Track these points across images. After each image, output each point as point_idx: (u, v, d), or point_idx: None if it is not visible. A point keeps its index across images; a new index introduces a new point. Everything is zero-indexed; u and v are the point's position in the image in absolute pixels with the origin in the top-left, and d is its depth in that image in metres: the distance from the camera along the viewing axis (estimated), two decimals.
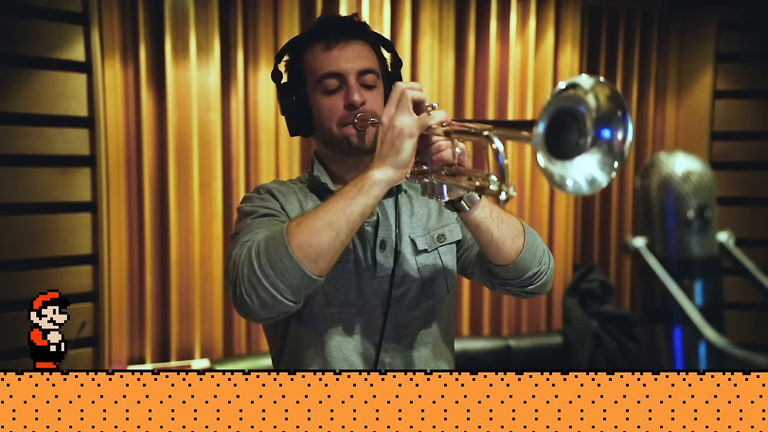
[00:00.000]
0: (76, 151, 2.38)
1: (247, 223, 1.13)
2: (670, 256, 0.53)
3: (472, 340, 2.95)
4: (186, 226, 2.56)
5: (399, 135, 0.97)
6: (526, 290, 1.19)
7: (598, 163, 0.75)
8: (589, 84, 0.72)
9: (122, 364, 2.51)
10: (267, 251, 0.97)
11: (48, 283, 2.33)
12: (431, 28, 2.83)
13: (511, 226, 1.11)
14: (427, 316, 1.21)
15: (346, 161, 1.23)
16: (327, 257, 0.98)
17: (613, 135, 0.74)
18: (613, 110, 0.73)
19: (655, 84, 3.30)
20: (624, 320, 3.02)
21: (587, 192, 0.75)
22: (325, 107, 1.18)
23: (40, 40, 2.29)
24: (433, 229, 1.24)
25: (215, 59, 2.56)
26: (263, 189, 1.23)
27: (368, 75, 1.18)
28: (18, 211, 2.29)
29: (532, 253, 1.14)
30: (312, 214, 0.99)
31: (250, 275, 0.97)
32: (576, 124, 0.76)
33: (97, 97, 2.37)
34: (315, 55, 1.19)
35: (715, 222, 0.54)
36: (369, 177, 0.98)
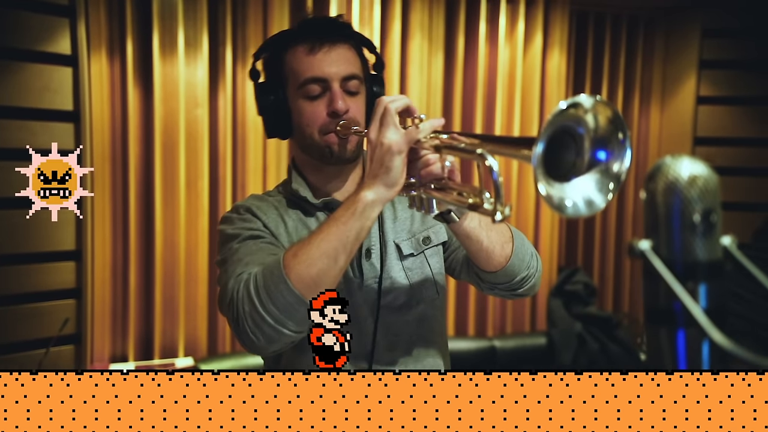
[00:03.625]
0: (61, 145, 2.34)
1: (233, 249, 1.09)
2: (674, 259, 0.53)
3: (457, 341, 2.97)
4: (171, 222, 2.54)
5: (388, 152, 0.94)
6: (515, 293, 1.18)
7: (595, 184, 0.74)
8: (590, 104, 0.70)
9: (104, 362, 2.48)
10: (266, 286, 0.94)
11: (30, 278, 2.30)
12: (421, 29, 2.83)
13: (499, 233, 1.10)
14: (419, 321, 1.19)
15: (325, 169, 1.19)
16: (329, 285, 0.95)
17: (611, 157, 0.73)
18: (612, 132, 0.72)
19: (640, 88, 3.34)
20: (607, 322, 3.05)
21: (586, 214, 0.74)
22: (307, 113, 1.14)
23: (25, 32, 2.26)
24: (418, 232, 1.21)
25: (203, 56, 2.54)
26: (243, 208, 1.18)
27: (352, 81, 1.14)
28: (0, 206, 2.25)
29: (521, 258, 1.13)
30: (307, 243, 0.96)
31: (252, 313, 0.95)
32: (573, 143, 0.74)
33: (83, 91, 2.34)
34: (298, 57, 1.15)
35: (719, 226, 0.54)
36: (361, 199, 0.95)
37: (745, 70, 3.13)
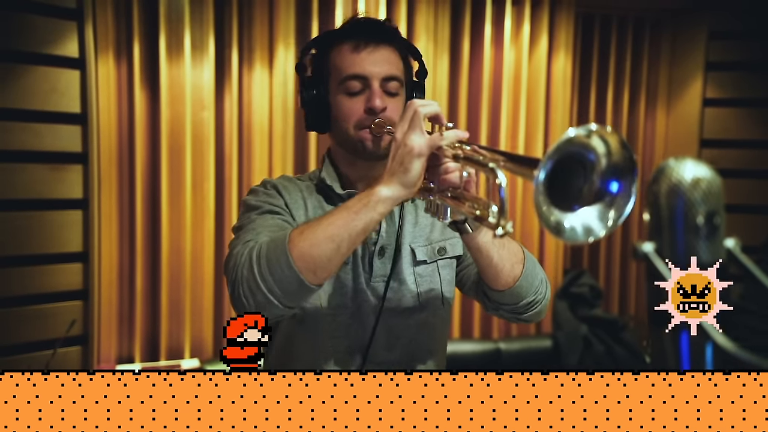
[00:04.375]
0: (68, 147, 2.36)
1: (251, 218, 1.13)
2: (678, 261, 0.53)
3: (463, 343, 2.96)
4: (177, 224, 2.55)
5: (409, 153, 0.96)
6: (520, 317, 1.19)
7: (597, 214, 0.74)
8: (605, 135, 0.70)
9: (111, 363, 2.49)
10: (268, 256, 0.98)
11: (37, 280, 2.31)
12: (426, 31, 2.83)
13: (511, 253, 1.10)
14: (420, 328, 1.20)
15: (357, 164, 1.22)
16: (327, 269, 0.98)
17: (620, 191, 0.72)
18: (625, 167, 0.71)
19: (645, 91, 3.34)
20: (613, 325, 3.04)
21: (582, 241, 0.74)
22: (345, 108, 1.17)
23: (33, 35, 2.27)
24: (435, 241, 1.23)
25: (210, 58, 2.55)
26: (270, 184, 1.23)
27: (392, 82, 1.17)
28: (7, 208, 2.26)
29: (530, 282, 1.13)
30: (315, 224, 0.99)
31: (249, 278, 0.98)
32: (583, 171, 0.74)
33: (90, 93, 2.35)
34: (342, 54, 1.18)
35: (723, 228, 0.54)
36: (375, 193, 0.97)
37: (752, 72, 3.12)
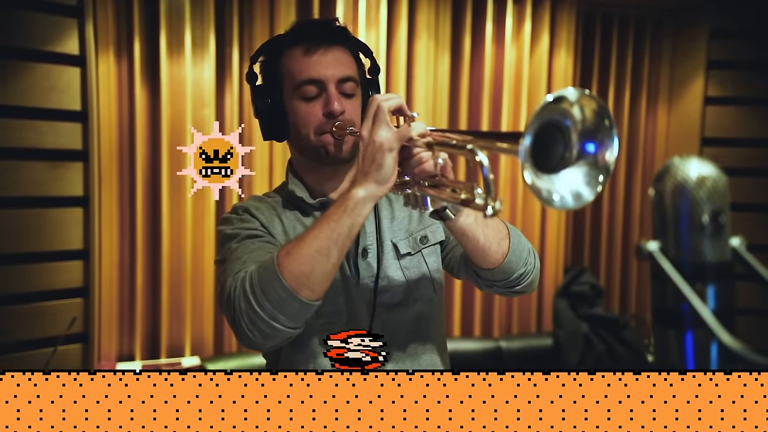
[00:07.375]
0: (69, 145, 2.35)
1: (231, 248, 1.11)
2: (683, 260, 0.53)
3: (463, 342, 2.96)
4: (178, 222, 2.55)
5: (379, 149, 0.95)
6: (513, 290, 1.18)
7: (583, 177, 0.74)
8: (576, 97, 0.71)
9: (111, 361, 2.49)
10: (261, 284, 0.96)
11: (38, 278, 2.31)
12: (427, 29, 2.83)
13: (496, 230, 1.10)
14: (416, 320, 1.20)
15: (322, 170, 1.20)
16: (322, 282, 0.97)
17: (599, 149, 0.73)
18: (599, 124, 0.72)
19: (647, 89, 3.33)
20: (614, 323, 3.04)
21: (573, 206, 0.74)
22: (303, 114, 1.15)
23: (33, 32, 2.26)
24: (415, 231, 1.22)
25: (210, 56, 2.54)
26: (241, 209, 1.20)
27: (348, 83, 1.15)
28: (8, 205, 2.26)
29: (518, 255, 1.13)
30: (300, 241, 0.98)
31: (248, 310, 0.97)
32: (561, 137, 0.75)
33: (91, 91, 2.35)
34: (294, 59, 1.16)
35: (728, 227, 0.54)
36: (353, 197, 0.96)
37: (753, 70, 3.12)
